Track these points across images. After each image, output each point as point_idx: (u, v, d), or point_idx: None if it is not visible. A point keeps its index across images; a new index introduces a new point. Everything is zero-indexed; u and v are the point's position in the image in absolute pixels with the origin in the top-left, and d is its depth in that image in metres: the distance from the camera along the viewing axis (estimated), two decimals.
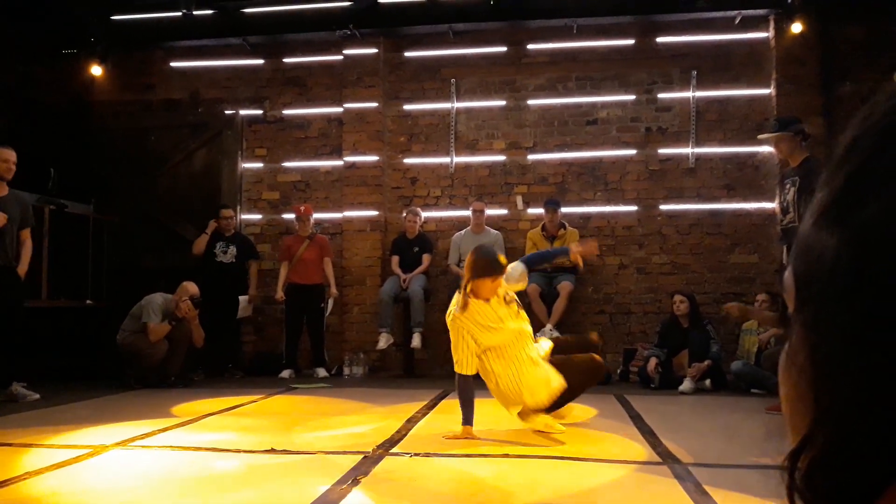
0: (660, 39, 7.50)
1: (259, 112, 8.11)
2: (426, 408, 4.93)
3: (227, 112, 8.09)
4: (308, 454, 3.51)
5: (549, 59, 7.68)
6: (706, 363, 6.03)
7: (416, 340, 6.89)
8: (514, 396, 3.96)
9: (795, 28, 6.99)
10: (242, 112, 8.10)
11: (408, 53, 7.88)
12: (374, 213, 7.71)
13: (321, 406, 5.27)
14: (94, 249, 7.63)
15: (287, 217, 7.83)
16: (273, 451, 3.54)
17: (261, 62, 8.11)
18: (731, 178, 7.37)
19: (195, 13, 7.35)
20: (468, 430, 3.88)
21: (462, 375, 3.93)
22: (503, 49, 7.71)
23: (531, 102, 7.68)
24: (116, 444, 3.70)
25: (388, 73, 7.90)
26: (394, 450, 3.58)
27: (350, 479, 2.97)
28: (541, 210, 7.17)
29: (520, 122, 7.71)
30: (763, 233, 7.25)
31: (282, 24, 7.76)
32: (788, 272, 0.41)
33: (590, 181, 7.57)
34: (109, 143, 8.06)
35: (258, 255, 7.59)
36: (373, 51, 7.78)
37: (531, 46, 7.66)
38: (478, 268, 3.88)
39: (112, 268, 7.76)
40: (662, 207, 7.44)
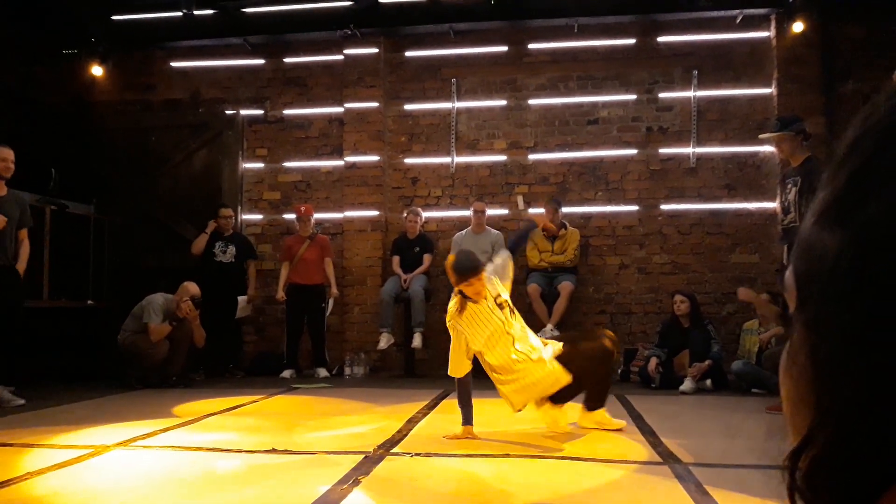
0: (661, 39, 7.50)
1: (260, 112, 8.12)
2: (427, 408, 4.93)
3: (228, 112, 8.09)
4: (309, 454, 3.51)
5: (550, 59, 7.68)
6: (707, 363, 6.02)
7: (417, 340, 6.89)
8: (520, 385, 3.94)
9: (797, 27, 6.99)
10: (243, 112, 8.11)
11: (408, 53, 7.88)
12: (375, 213, 7.72)
13: (322, 406, 5.27)
14: (95, 250, 7.63)
15: (288, 217, 7.83)
16: (274, 451, 3.54)
17: (261, 62, 8.11)
18: (732, 178, 7.36)
19: (195, 13, 7.36)
20: (468, 431, 3.89)
21: (457, 379, 3.93)
22: (504, 48, 7.71)
23: (532, 102, 7.68)
24: (118, 445, 3.71)
25: (389, 73, 7.90)
26: (394, 450, 3.58)
27: (351, 480, 2.97)
28: (542, 210, 7.16)
29: (521, 122, 7.71)
30: (764, 232, 7.24)
31: (282, 24, 7.76)
32: (789, 272, 0.41)
33: (591, 181, 7.56)
34: (110, 144, 8.07)
35: (257, 255, 7.59)
36: (373, 50, 7.79)
37: (532, 46, 7.66)
38: (454, 272, 3.91)
39: (113, 268, 7.77)
40: (663, 207, 7.44)
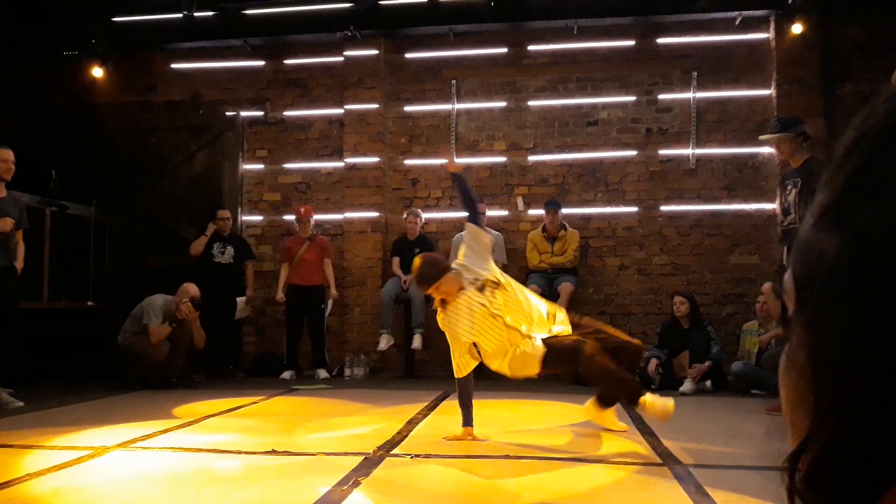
0: (660, 40, 7.50)
1: (260, 113, 8.12)
2: (427, 409, 4.93)
3: (228, 113, 8.09)
4: (309, 455, 3.51)
5: (550, 61, 7.69)
6: (707, 364, 6.02)
7: (417, 341, 6.89)
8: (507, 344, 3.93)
9: (796, 29, 6.99)
10: (243, 113, 8.11)
11: (408, 55, 7.88)
12: (375, 215, 7.72)
13: (322, 407, 5.27)
14: (96, 251, 7.64)
15: (288, 218, 7.83)
16: (274, 453, 3.54)
17: (261, 64, 8.11)
18: (732, 179, 7.37)
19: (196, 15, 7.35)
20: (469, 432, 3.88)
21: (458, 379, 3.93)
22: (503, 50, 7.71)
23: (532, 103, 7.68)
24: (118, 446, 3.70)
25: (389, 75, 7.90)
26: (394, 451, 3.58)
27: (351, 481, 2.97)
28: (541, 211, 7.16)
29: (520, 124, 7.71)
30: (764, 234, 7.24)
31: (282, 26, 7.77)
32: (788, 273, 0.41)
33: (590, 182, 7.56)
34: (110, 145, 8.07)
35: (254, 256, 7.59)
36: (373, 52, 7.79)
37: (532, 47, 7.66)
38: (416, 283, 3.98)
39: (113, 269, 7.78)
40: (663, 208, 7.44)
